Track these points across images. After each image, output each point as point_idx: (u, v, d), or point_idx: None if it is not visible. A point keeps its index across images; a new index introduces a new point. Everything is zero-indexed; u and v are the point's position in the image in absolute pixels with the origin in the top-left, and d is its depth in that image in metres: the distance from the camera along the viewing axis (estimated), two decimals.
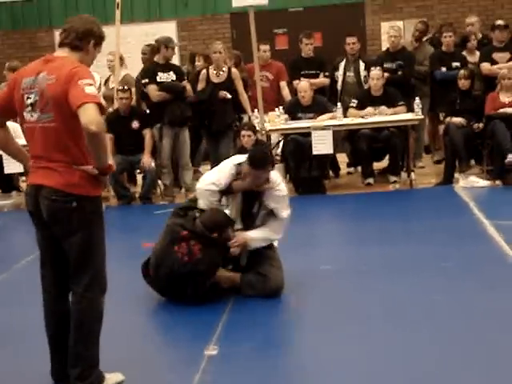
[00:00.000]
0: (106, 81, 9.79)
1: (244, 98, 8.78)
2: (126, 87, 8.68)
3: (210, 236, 4.72)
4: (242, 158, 4.98)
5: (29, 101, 3.53)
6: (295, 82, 9.12)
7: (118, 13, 8.98)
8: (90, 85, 3.39)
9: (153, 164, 8.52)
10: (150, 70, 8.71)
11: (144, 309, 4.89)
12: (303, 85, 8.75)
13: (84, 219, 3.47)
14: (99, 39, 3.65)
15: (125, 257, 6.72)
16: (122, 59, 9.32)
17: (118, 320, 4.60)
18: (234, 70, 8.87)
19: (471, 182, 8.16)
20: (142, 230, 7.29)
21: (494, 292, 4.70)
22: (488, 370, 3.61)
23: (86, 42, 3.60)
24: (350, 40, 9.23)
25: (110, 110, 9.17)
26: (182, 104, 8.53)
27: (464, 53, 9.47)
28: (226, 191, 4.90)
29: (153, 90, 8.55)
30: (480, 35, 9.69)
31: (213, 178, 4.92)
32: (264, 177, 4.84)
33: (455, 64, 9.12)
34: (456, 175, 8.39)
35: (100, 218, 3.57)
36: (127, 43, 9.73)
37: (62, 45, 3.62)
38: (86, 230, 3.48)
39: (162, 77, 8.55)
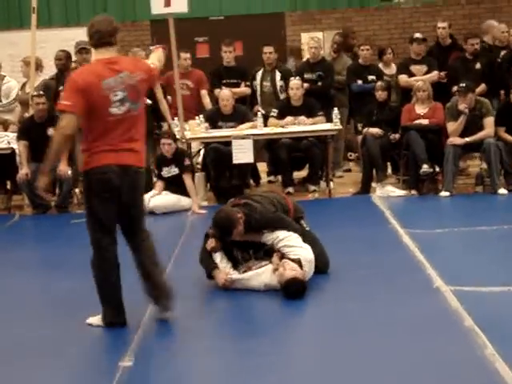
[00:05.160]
0: (23, 85, 9.56)
1: (163, 105, 8.71)
2: (41, 92, 8.47)
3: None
4: None
5: None
6: (216, 91, 9.12)
7: (33, 17, 8.77)
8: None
9: (69, 172, 8.34)
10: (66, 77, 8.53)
11: (57, 320, 4.77)
12: (225, 93, 8.75)
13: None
14: None
15: (40, 267, 6.58)
16: (38, 64, 9.11)
17: (26, 332, 4.48)
18: None
19: (387, 192, 8.32)
20: (58, 240, 7.14)
21: (408, 299, 4.78)
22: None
23: None
24: (266, 50, 9.33)
25: (26, 115, 8.96)
26: None
27: (380, 65, 9.69)
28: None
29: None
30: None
31: None
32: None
33: (371, 77, 9.31)
34: (373, 184, 8.55)
35: None
36: (44, 48, 9.50)
37: None
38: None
39: None
